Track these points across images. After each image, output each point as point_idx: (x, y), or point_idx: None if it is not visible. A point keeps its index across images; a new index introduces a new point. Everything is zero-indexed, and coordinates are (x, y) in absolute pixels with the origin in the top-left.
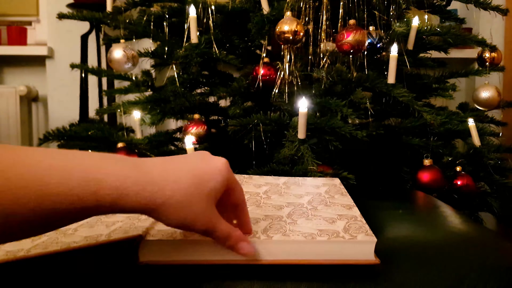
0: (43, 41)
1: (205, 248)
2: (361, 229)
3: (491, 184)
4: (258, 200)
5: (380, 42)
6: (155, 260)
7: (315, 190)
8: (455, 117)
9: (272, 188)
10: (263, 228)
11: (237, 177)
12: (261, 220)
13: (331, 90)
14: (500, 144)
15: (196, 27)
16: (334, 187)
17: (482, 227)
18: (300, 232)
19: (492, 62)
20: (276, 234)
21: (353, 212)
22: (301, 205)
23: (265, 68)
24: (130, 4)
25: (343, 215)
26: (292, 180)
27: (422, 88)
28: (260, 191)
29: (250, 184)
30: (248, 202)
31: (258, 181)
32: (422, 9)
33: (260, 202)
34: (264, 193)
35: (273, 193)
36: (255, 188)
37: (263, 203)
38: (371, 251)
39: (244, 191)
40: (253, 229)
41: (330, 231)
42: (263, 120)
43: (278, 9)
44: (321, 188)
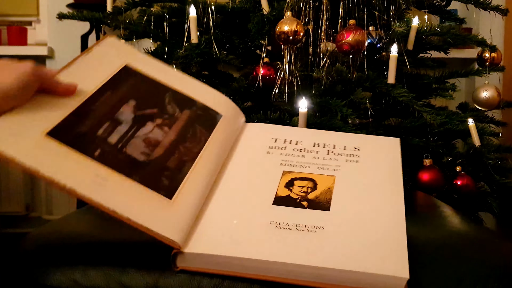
0: (43, 41)
1: (245, 263)
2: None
3: (491, 184)
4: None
5: (380, 42)
6: (193, 268)
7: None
8: (455, 117)
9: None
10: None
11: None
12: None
13: (331, 90)
14: (500, 144)
15: (196, 27)
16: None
17: (482, 227)
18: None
19: (492, 62)
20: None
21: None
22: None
23: (265, 68)
24: (130, 4)
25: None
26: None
27: (422, 88)
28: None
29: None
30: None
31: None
32: (422, 9)
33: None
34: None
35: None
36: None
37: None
38: (402, 286)
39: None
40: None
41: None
42: (263, 120)
43: (278, 9)
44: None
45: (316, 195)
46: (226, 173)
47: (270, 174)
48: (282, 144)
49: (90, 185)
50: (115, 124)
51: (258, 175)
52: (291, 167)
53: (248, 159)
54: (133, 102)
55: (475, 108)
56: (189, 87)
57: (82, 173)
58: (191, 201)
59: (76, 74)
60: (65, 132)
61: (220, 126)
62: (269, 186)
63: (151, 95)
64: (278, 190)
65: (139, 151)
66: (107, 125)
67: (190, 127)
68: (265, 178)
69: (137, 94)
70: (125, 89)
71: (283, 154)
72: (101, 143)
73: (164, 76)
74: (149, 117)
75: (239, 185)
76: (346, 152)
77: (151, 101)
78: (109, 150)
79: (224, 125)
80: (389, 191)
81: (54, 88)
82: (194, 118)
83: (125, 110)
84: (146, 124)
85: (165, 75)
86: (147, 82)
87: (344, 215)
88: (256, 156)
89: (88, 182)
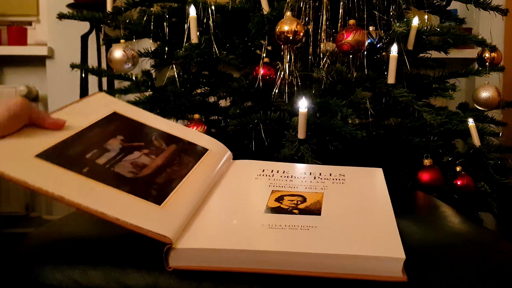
0: (43, 41)
1: (240, 256)
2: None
3: (491, 184)
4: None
5: (380, 42)
6: (186, 266)
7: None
8: (455, 117)
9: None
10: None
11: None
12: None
13: (331, 90)
14: (500, 144)
15: (196, 27)
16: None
17: (482, 227)
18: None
19: (492, 62)
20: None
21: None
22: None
23: (265, 68)
24: (130, 4)
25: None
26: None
27: (422, 88)
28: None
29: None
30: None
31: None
32: (422, 9)
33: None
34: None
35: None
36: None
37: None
38: (399, 268)
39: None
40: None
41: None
42: (263, 120)
43: (278, 9)
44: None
45: (306, 205)
46: (216, 192)
47: (259, 193)
48: (270, 173)
49: (77, 192)
50: (103, 150)
51: (248, 192)
52: (279, 188)
53: (237, 183)
54: (121, 137)
55: (475, 108)
56: (176, 130)
57: (69, 183)
58: (181, 206)
59: (66, 116)
60: (54, 154)
61: (207, 157)
62: (259, 199)
63: (138, 133)
64: (269, 203)
65: (127, 170)
66: (96, 151)
67: (177, 156)
68: (255, 195)
69: (124, 131)
70: (113, 127)
71: (271, 179)
72: (89, 163)
73: (152, 121)
74: (136, 147)
75: (230, 198)
76: (332, 177)
77: (138, 137)
78: (97, 168)
79: (211, 157)
80: (377, 201)
81: (43, 121)
82: (181, 150)
83: (113, 142)
84: (133, 152)
85: (153, 121)
86: (134, 123)
87: (335, 216)
88: (245, 181)
89: (76, 190)
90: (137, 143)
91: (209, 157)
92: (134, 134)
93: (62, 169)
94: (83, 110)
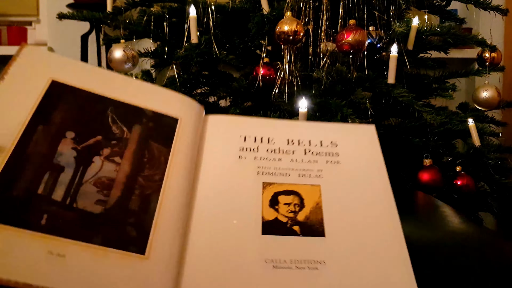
0: (43, 41)
1: None
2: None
3: (491, 184)
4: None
5: (380, 42)
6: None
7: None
8: (455, 117)
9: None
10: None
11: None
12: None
13: (331, 90)
14: (500, 144)
15: (196, 27)
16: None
17: (482, 227)
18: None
19: (492, 62)
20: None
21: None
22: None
23: (265, 68)
24: (130, 4)
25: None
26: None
27: (422, 88)
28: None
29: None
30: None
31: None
32: (422, 9)
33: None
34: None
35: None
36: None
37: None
38: None
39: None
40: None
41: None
42: None
43: (278, 9)
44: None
45: (306, 214)
46: (199, 193)
47: (249, 189)
48: (253, 144)
49: (46, 268)
50: (56, 172)
51: (237, 192)
52: (270, 177)
53: (220, 169)
54: (71, 133)
55: (475, 108)
56: (132, 91)
57: (32, 255)
58: (168, 247)
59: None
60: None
61: (179, 135)
62: (252, 207)
63: (91, 117)
64: (264, 212)
65: (93, 200)
66: (48, 176)
67: (145, 148)
68: (245, 195)
69: (73, 120)
70: (58, 118)
71: (257, 158)
72: (45, 204)
73: (100, 85)
74: (94, 150)
75: (218, 209)
76: (324, 150)
77: (92, 125)
78: (57, 211)
79: (183, 131)
80: (378, 197)
81: None
82: (147, 134)
83: (64, 148)
84: (93, 161)
85: (101, 83)
86: (82, 99)
87: (341, 243)
88: (228, 163)
89: (43, 265)
90: (94, 139)
91: (181, 135)
92: (86, 121)
93: (13, 231)
94: (12, 91)
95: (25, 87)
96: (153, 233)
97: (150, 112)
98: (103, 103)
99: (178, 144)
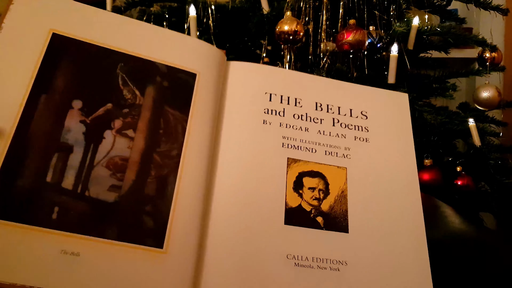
0: None
1: None
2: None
3: (492, 184)
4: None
5: (380, 42)
6: None
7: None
8: (455, 117)
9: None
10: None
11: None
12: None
13: None
14: (500, 144)
15: (196, 27)
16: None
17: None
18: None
19: (493, 62)
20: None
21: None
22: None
23: None
24: (130, 4)
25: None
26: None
27: (423, 88)
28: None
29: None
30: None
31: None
32: (422, 9)
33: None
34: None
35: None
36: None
37: None
38: None
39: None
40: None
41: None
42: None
43: (278, 8)
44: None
45: (331, 203)
46: (219, 173)
47: (274, 167)
48: (279, 106)
49: (61, 270)
50: (64, 154)
51: (260, 171)
52: (295, 151)
53: (243, 139)
54: (78, 103)
55: (475, 108)
56: (143, 40)
57: (44, 256)
58: (187, 239)
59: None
60: (3, 203)
61: (198, 95)
62: (276, 190)
63: (99, 79)
64: (288, 197)
65: (106, 186)
66: (56, 160)
67: (160, 116)
68: (269, 175)
69: (79, 85)
70: (62, 83)
71: (282, 125)
72: (55, 195)
73: (106, 34)
74: (105, 121)
75: (240, 194)
76: (354, 122)
77: (101, 90)
78: (68, 202)
79: (202, 90)
80: (405, 186)
81: None
82: (162, 98)
83: (72, 122)
84: (104, 137)
85: (108, 30)
86: (87, 54)
87: (364, 241)
88: (251, 129)
89: (57, 266)
90: (104, 108)
91: (200, 93)
92: (93, 85)
93: (23, 229)
94: (10, 49)
95: (23, 46)
96: (171, 222)
97: (164, 67)
98: (112, 59)
99: (197, 107)
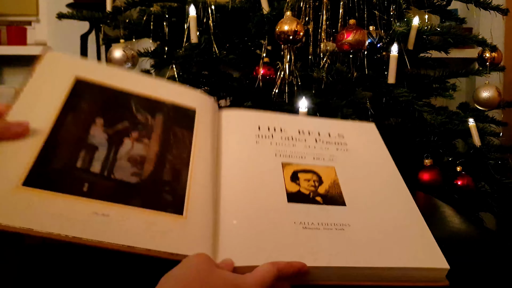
0: (43, 41)
1: None
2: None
3: (492, 184)
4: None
5: (380, 42)
6: None
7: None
8: (455, 117)
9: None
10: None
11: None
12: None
13: (331, 90)
14: (500, 144)
15: (196, 27)
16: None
17: (482, 227)
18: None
19: (493, 62)
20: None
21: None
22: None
23: (265, 68)
24: (130, 4)
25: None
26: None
27: (423, 88)
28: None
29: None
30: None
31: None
32: (422, 9)
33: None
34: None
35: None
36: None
37: None
38: (443, 275)
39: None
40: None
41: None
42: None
43: (278, 8)
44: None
45: (326, 188)
46: (224, 172)
47: (270, 167)
48: (268, 132)
49: (93, 226)
50: (91, 150)
51: (259, 169)
52: (288, 158)
53: (240, 151)
54: (100, 120)
55: (475, 108)
56: (150, 87)
57: (78, 216)
58: (203, 211)
59: (26, 107)
60: (41, 176)
61: (199, 122)
62: (275, 181)
63: (116, 106)
64: (287, 185)
65: (128, 172)
66: (84, 154)
67: (170, 131)
68: (267, 172)
69: (101, 109)
70: (86, 106)
71: (273, 143)
72: (85, 175)
73: (120, 81)
74: (123, 133)
75: (244, 182)
76: (333, 140)
77: (118, 113)
78: (96, 181)
79: (202, 120)
80: (388, 177)
81: (6, 132)
82: (170, 121)
83: (96, 131)
84: (123, 142)
85: (121, 80)
86: (105, 92)
87: (362, 210)
88: (247, 146)
89: (90, 223)
90: (122, 125)
91: (201, 122)
92: (113, 111)
93: (59, 196)
94: (41, 88)
95: (52, 83)
96: (188, 199)
97: (169, 103)
98: (126, 97)
99: (199, 128)
